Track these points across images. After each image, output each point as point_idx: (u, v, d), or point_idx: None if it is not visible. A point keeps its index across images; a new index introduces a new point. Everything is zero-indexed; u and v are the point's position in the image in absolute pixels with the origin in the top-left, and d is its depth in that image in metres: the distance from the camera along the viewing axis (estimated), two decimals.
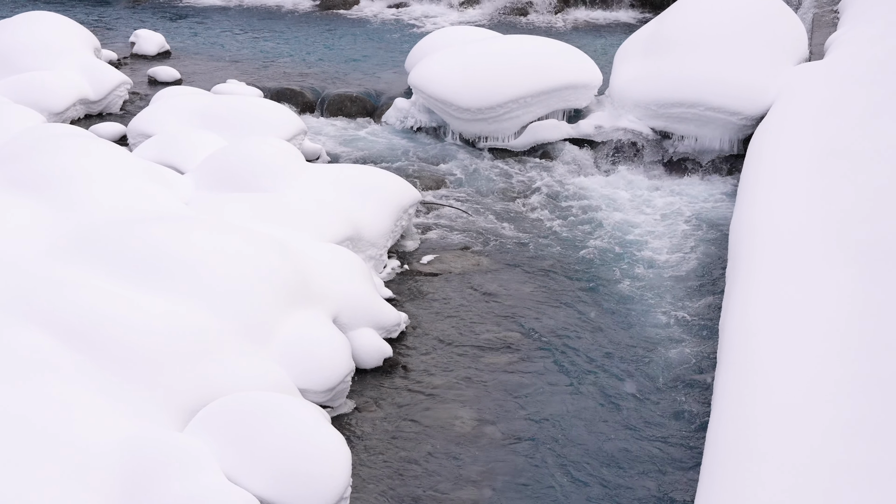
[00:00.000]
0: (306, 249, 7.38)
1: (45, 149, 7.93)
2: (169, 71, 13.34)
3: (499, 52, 11.50)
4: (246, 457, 5.42)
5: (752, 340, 5.79)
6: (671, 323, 7.86)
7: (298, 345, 6.58)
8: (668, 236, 9.37)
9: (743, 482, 4.66)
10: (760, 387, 5.31)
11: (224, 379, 6.02)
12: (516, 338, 7.67)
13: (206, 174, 8.56)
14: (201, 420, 5.64)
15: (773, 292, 6.23)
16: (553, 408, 6.84)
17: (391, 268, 8.61)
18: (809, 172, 7.74)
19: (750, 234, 7.20)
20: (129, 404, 5.64)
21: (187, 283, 6.48)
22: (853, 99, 8.81)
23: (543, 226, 9.60)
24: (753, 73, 10.60)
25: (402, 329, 7.67)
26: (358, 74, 13.50)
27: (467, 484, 6.09)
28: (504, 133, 11.31)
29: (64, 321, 5.94)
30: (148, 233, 6.82)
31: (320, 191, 8.35)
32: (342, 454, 5.56)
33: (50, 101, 11.30)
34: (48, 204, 7.37)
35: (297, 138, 10.39)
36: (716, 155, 10.82)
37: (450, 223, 9.58)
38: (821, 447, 4.67)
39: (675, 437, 6.55)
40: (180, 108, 10.55)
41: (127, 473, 5.17)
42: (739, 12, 11.17)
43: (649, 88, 10.94)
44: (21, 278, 6.31)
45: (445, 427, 6.63)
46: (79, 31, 12.90)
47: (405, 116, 11.90)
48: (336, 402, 6.70)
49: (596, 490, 6.06)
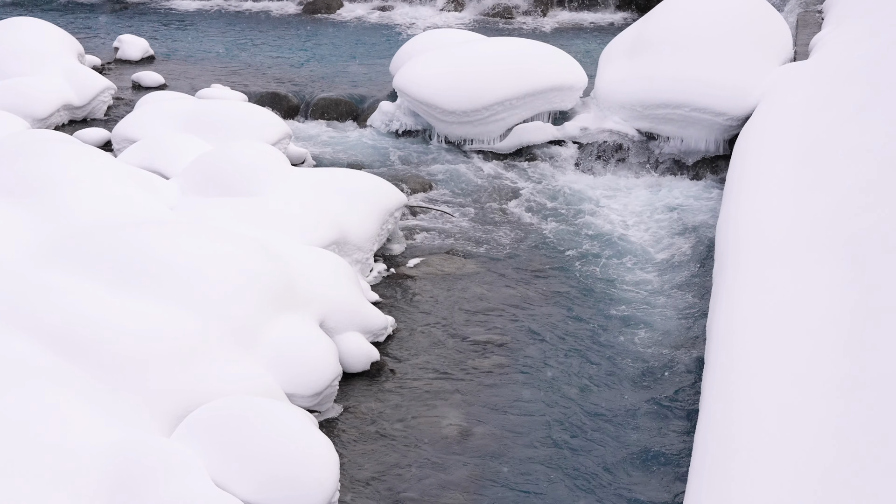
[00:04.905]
0: (292, 253, 7.36)
1: (29, 154, 7.89)
2: (153, 76, 13.31)
3: (483, 54, 11.49)
4: (233, 462, 5.40)
5: (739, 341, 5.79)
6: (658, 324, 7.86)
7: (285, 349, 6.56)
8: (655, 237, 9.37)
9: (731, 483, 4.65)
10: (748, 387, 5.31)
11: (211, 384, 6.01)
12: (503, 340, 7.66)
13: (191, 179, 8.54)
14: (189, 425, 5.62)
15: (760, 292, 6.22)
16: (540, 410, 6.84)
17: (377, 271, 8.59)
18: (795, 172, 7.75)
19: (736, 235, 7.20)
20: (116, 410, 5.61)
21: (173, 288, 6.45)
22: (838, 98, 8.82)
23: (529, 228, 9.59)
24: (738, 73, 10.61)
25: (388, 332, 7.66)
26: (343, 78, 13.49)
27: (455, 487, 6.08)
28: (489, 136, 11.31)
29: (50, 326, 5.91)
30: (133, 237, 6.80)
31: (306, 195, 8.33)
32: (330, 458, 5.56)
33: (34, 107, 11.26)
34: (33, 210, 7.34)
35: (282, 142, 10.37)
36: (702, 155, 10.84)
37: (436, 226, 9.58)
38: (810, 447, 4.67)
39: (663, 438, 6.54)
40: (165, 113, 10.53)
41: (114, 479, 5.15)
42: (724, 13, 11.18)
43: (635, 90, 10.95)
44: (6, 284, 6.28)
45: (433, 430, 6.62)
46: (62, 37, 12.86)
47: (390, 120, 11.90)
48: (323, 407, 6.69)
49: (584, 492, 6.06)
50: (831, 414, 4.86)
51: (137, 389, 5.78)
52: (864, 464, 4.43)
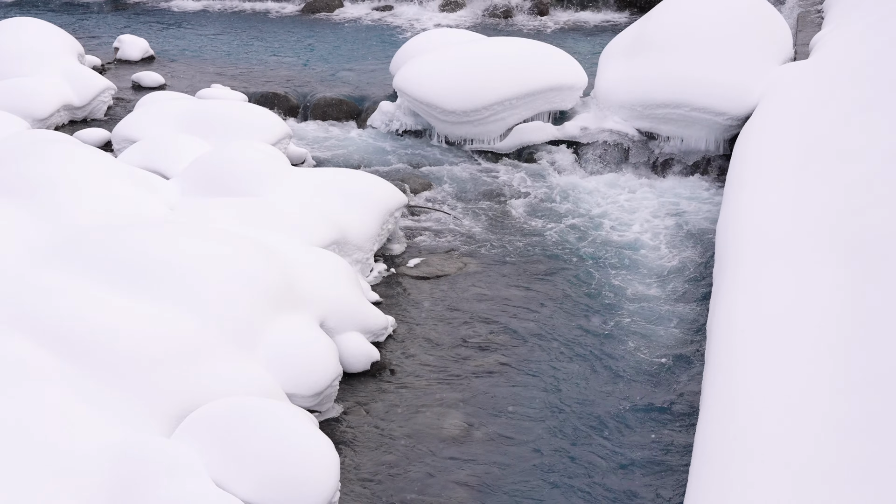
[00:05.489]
0: (292, 253, 7.36)
1: (29, 155, 7.89)
2: (153, 76, 13.31)
3: (483, 54, 11.49)
4: (234, 462, 5.40)
5: (739, 341, 5.79)
6: (658, 324, 7.86)
7: (285, 349, 6.56)
8: (655, 237, 9.37)
9: (731, 483, 4.65)
10: (748, 387, 5.30)
11: (211, 384, 6.00)
12: (504, 340, 7.66)
13: (191, 179, 8.54)
14: (189, 425, 5.62)
15: (760, 292, 6.22)
16: (541, 410, 6.84)
17: (378, 271, 8.59)
18: (795, 171, 7.74)
19: (736, 234, 7.19)
20: (116, 410, 5.61)
21: (173, 289, 6.45)
22: (839, 98, 8.81)
23: (530, 228, 9.59)
24: (738, 73, 10.61)
25: (389, 333, 7.66)
26: (343, 78, 13.49)
27: (456, 487, 6.08)
28: (489, 135, 11.31)
29: (50, 327, 5.91)
30: (133, 238, 6.79)
31: (306, 195, 8.33)
32: (330, 458, 5.55)
33: (34, 108, 11.27)
34: (33, 210, 7.33)
35: (282, 142, 10.37)
36: (702, 155, 10.84)
37: (436, 226, 9.57)
38: (810, 447, 4.67)
39: (664, 438, 6.54)
40: (165, 113, 10.53)
41: (114, 479, 5.14)
42: (724, 12, 11.18)
43: (634, 89, 10.95)
44: (6, 285, 6.27)
45: (433, 430, 6.62)
46: (62, 37, 12.87)
47: (390, 120, 11.90)
48: (324, 407, 6.68)
49: (584, 492, 6.05)
50: (832, 414, 4.85)
51: (137, 390, 5.78)
52: (865, 464, 4.42)
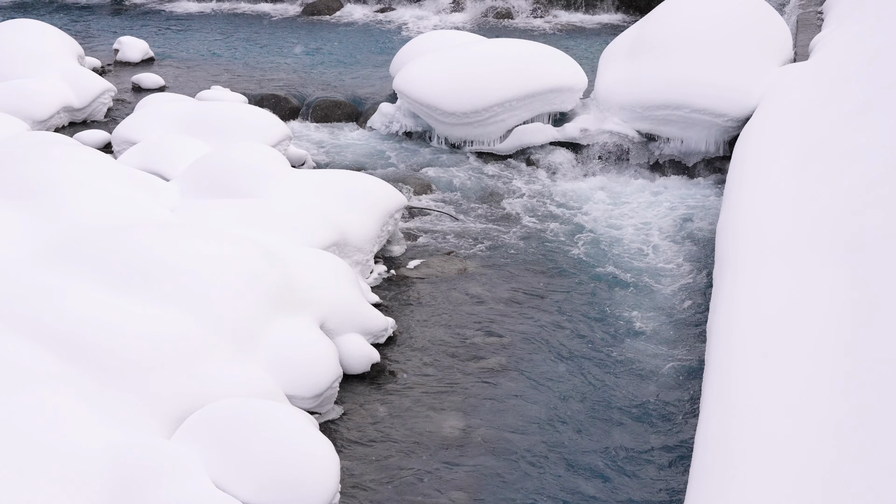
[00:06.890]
0: (292, 255, 7.36)
1: (29, 156, 7.89)
2: (153, 78, 13.32)
3: (483, 55, 11.50)
4: (234, 464, 5.40)
5: (739, 341, 5.78)
6: (659, 325, 7.86)
7: (285, 351, 6.56)
8: (655, 238, 9.37)
9: (731, 483, 4.65)
10: (748, 387, 5.30)
11: (211, 385, 6.00)
12: (504, 342, 7.66)
13: (191, 180, 8.54)
14: (189, 427, 5.62)
15: (760, 292, 6.22)
16: (541, 412, 6.83)
17: (378, 273, 8.59)
18: (795, 172, 7.74)
19: (736, 235, 7.19)
20: (116, 412, 5.61)
21: (173, 290, 6.45)
22: (839, 99, 8.81)
23: (529, 229, 9.59)
24: (738, 74, 10.61)
25: (389, 334, 7.65)
26: (343, 79, 13.50)
27: (455, 489, 6.08)
28: (489, 137, 11.31)
29: (50, 329, 5.90)
30: (133, 239, 6.79)
31: (306, 196, 8.33)
32: (330, 460, 5.55)
33: (34, 109, 11.27)
34: (33, 212, 7.34)
35: (282, 144, 10.37)
36: (702, 156, 10.84)
37: (436, 228, 9.57)
38: (810, 447, 4.66)
39: (664, 440, 6.54)
40: (165, 115, 10.53)
41: (115, 481, 5.14)
42: (724, 14, 11.18)
43: (634, 91, 10.95)
44: (6, 286, 6.27)
45: (433, 432, 6.62)
46: (62, 39, 12.88)
47: (390, 121, 11.91)
48: (324, 408, 6.68)
49: (584, 495, 6.05)
50: (832, 414, 4.85)
51: (138, 391, 5.78)
52: (865, 464, 4.42)
